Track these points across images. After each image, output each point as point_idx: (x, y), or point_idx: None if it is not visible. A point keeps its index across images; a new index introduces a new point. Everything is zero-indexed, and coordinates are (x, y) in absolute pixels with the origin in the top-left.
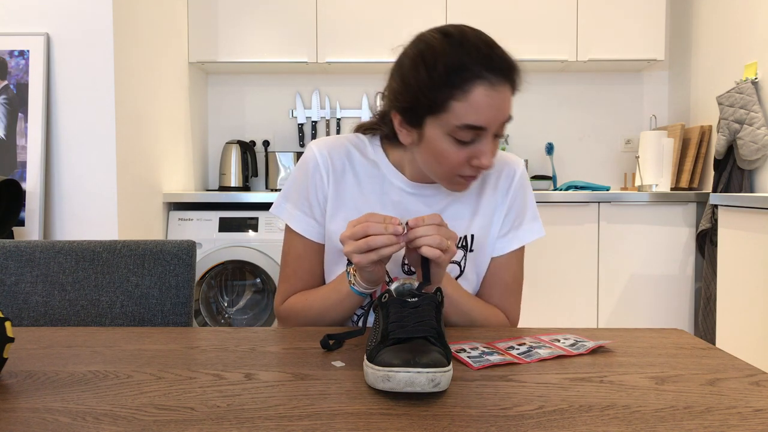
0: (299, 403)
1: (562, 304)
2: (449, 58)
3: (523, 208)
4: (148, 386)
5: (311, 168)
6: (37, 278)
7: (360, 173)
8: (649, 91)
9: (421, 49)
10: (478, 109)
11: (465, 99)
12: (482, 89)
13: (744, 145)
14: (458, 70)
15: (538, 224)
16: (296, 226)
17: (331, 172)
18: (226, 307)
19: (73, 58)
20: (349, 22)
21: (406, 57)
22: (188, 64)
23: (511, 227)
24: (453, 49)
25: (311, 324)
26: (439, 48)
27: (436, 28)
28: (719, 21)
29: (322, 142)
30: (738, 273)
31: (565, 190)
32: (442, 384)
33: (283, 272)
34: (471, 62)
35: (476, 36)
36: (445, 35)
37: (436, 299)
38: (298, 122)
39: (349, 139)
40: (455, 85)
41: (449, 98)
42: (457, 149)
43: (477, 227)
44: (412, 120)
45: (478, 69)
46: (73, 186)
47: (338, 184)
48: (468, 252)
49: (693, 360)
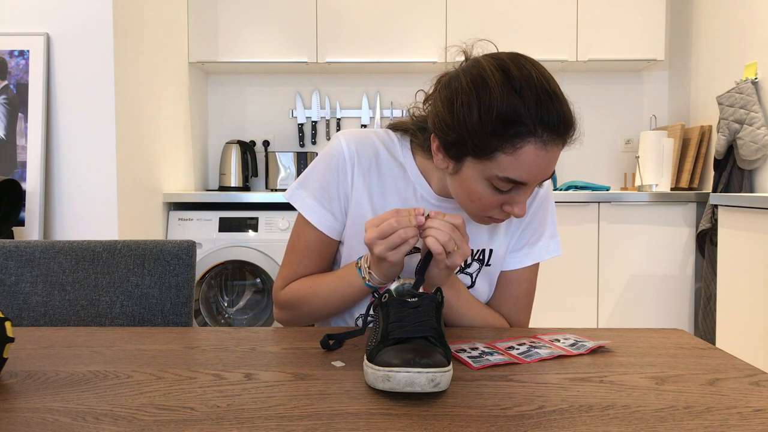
0: (299, 403)
1: (562, 304)
2: (506, 107)
3: (543, 224)
4: (148, 386)
5: (337, 161)
6: (37, 278)
7: (385, 174)
8: (649, 91)
9: (477, 86)
10: (525, 167)
11: (513, 154)
12: (533, 148)
13: (744, 145)
14: (513, 123)
15: (555, 242)
16: (312, 217)
17: (357, 168)
18: (226, 307)
19: (73, 58)
20: (349, 22)
21: (460, 87)
22: (188, 64)
23: (527, 242)
24: (510, 97)
25: (312, 312)
26: (497, 92)
27: (498, 60)
28: (719, 21)
29: (350, 135)
30: (738, 273)
31: (565, 190)
32: (442, 384)
33: (288, 258)
34: (527, 116)
35: (539, 82)
36: (506, 75)
37: (436, 299)
38: (298, 122)
39: (378, 135)
40: (506, 138)
41: (497, 149)
42: (491, 194)
43: (497, 243)
44: (452, 153)
45: (533, 126)
46: (73, 186)
47: (362, 182)
48: (484, 266)
49: (693, 360)
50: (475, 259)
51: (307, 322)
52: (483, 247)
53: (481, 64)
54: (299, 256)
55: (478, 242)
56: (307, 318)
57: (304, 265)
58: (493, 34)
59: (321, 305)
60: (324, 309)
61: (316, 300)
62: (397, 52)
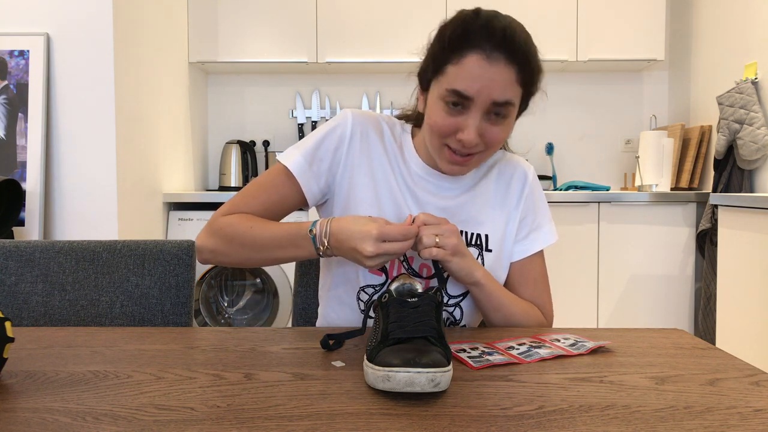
0: (299, 403)
1: (562, 304)
2: (457, 26)
3: (539, 210)
4: (148, 386)
5: (338, 130)
6: (37, 278)
7: (388, 149)
8: (649, 91)
9: (445, 21)
10: (467, 76)
11: (458, 63)
12: (475, 57)
13: (744, 145)
14: (460, 37)
15: (553, 226)
16: (289, 163)
17: (359, 138)
18: (226, 307)
19: (73, 58)
20: (349, 22)
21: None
22: (188, 64)
23: (531, 230)
24: (464, 20)
25: (241, 253)
26: (455, 19)
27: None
28: (719, 21)
29: (358, 112)
30: (738, 273)
31: (565, 190)
32: (442, 384)
33: (244, 191)
34: (473, 31)
35: (496, 16)
36: (472, 11)
37: (436, 299)
38: (298, 122)
39: (383, 116)
40: (453, 50)
41: (447, 62)
42: (444, 115)
43: (492, 227)
44: (423, 85)
45: (477, 38)
46: (73, 186)
47: (366, 151)
48: (485, 251)
49: (693, 360)
50: (474, 245)
51: (231, 261)
52: (477, 231)
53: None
54: (256, 192)
55: (471, 226)
56: (233, 256)
57: (259, 201)
58: None
59: (253, 249)
60: (254, 255)
61: (251, 242)
62: (397, 52)
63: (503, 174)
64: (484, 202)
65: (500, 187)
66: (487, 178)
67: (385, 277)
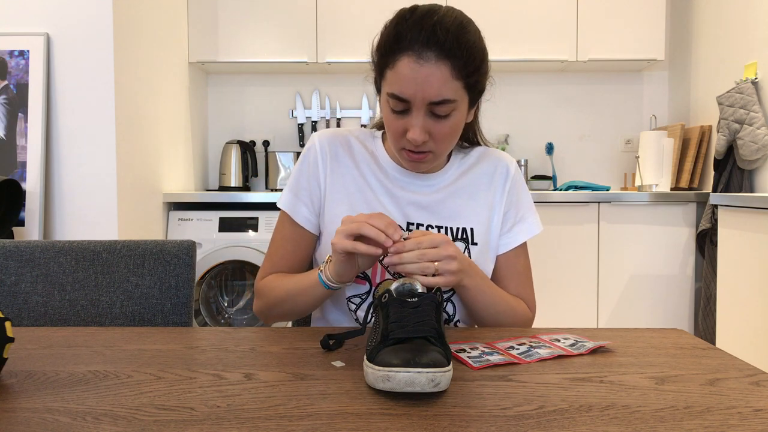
0: (299, 403)
1: (562, 304)
2: (391, 30)
3: (522, 202)
4: (148, 386)
5: (309, 156)
6: (37, 278)
7: (359, 161)
8: (649, 91)
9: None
10: (401, 80)
11: (393, 68)
12: (407, 61)
13: (744, 145)
14: (394, 41)
15: (537, 217)
16: (286, 207)
17: (329, 159)
18: (226, 307)
19: (73, 58)
20: (349, 22)
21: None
22: (188, 64)
23: (515, 222)
24: (398, 21)
25: (281, 304)
26: (392, 20)
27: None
28: (719, 21)
29: (323, 132)
30: (738, 273)
31: (565, 190)
32: (442, 384)
33: (268, 251)
34: (403, 32)
35: (429, 11)
36: (409, 9)
37: (436, 299)
38: (298, 122)
39: (352, 131)
40: (388, 54)
41: (386, 66)
42: (393, 118)
43: (476, 221)
44: (377, 89)
45: (407, 40)
46: (73, 186)
47: (336, 170)
48: (471, 245)
49: (693, 360)
50: (460, 239)
51: (277, 315)
52: (462, 225)
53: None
54: (276, 248)
55: (455, 220)
56: (277, 310)
57: (281, 255)
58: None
59: (285, 295)
60: (288, 300)
61: (281, 291)
62: None
63: (486, 168)
64: (467, 197)
65: (483, 181)
66: (470, 173)
67: (368, 285)
